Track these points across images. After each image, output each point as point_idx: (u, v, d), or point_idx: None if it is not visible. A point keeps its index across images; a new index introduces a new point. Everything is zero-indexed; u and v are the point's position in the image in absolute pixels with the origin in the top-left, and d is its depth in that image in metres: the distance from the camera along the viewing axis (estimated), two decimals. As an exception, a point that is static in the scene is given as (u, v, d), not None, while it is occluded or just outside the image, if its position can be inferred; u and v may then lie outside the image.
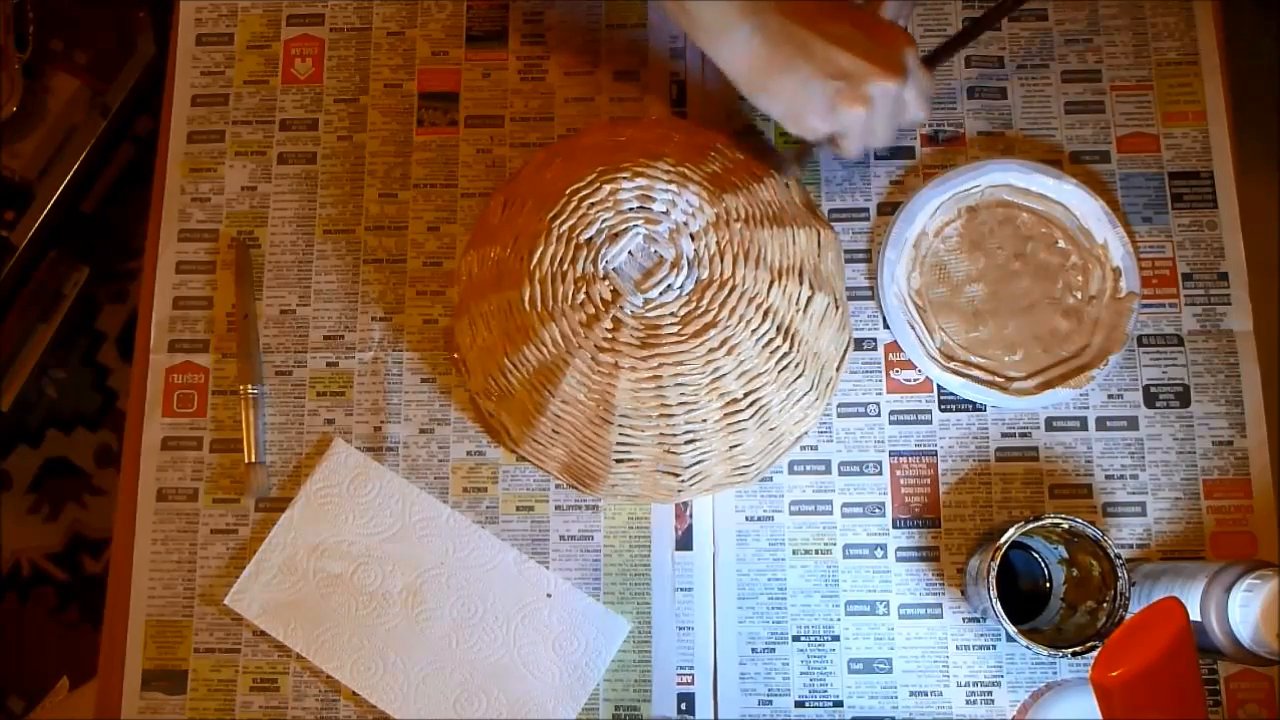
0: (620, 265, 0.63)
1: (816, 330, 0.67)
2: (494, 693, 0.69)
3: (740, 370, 0.63)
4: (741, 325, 0.62)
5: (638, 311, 0.62)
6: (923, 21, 0.79)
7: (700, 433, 0.65)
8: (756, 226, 0.64)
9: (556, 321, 0.62)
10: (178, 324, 0.76)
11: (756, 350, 0.63)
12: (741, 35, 0.60)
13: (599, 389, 0.63)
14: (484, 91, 0.79)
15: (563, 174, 0.67)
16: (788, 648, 0.70)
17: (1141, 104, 0.77)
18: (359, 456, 0.73)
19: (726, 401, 0.64)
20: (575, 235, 0.64)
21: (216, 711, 0.71)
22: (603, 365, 0.62)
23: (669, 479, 0.68)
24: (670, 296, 0.62)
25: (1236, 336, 0.73)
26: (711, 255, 0.63)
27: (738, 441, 0.67)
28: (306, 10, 0.81)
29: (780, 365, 0.65)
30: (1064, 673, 0.69)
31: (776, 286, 0.63)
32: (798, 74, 0.60)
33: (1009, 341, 0.73)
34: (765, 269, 0.63)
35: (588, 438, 0.66)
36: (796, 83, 0.60)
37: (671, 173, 0.63)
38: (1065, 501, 0.72)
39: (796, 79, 0.60)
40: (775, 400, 0.66)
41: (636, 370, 0.62)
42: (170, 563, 0.73)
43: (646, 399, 0.63)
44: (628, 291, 0.62)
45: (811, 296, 0.65)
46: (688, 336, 0.62)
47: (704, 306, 0.62)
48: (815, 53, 0.59)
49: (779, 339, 0.64)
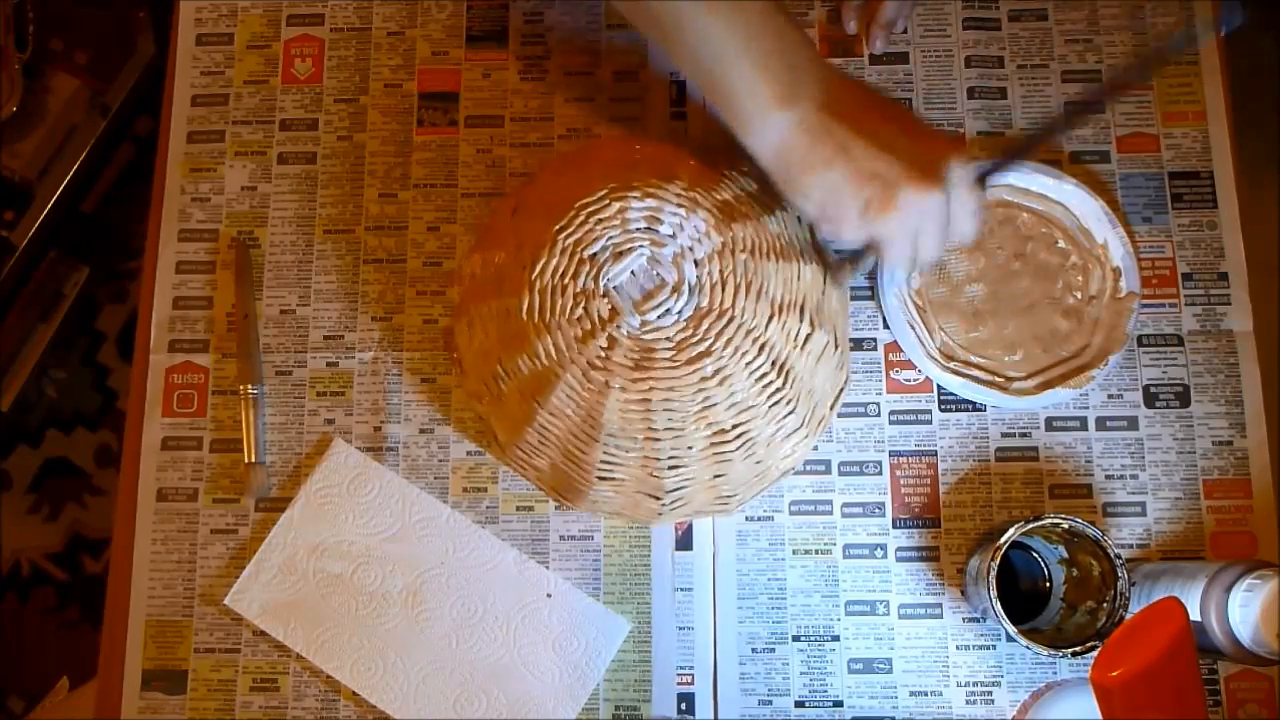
0: (621, 284, 0.62)
1: (813, 368, 0.66)
2: (494, 693, 0.69)
3: (730, 402, 0.63)
4: (736, 357, 0.62)
5: (634, 332, 0.62)
6: (922, 21, 0.79)
7: (685, 459, 0.65)
8: (762, 259, 0.63)
9: (552, 334, 0.62)
10: (178, 324, 0.76)
11: (749, 383, 0.63)
12: (778, 124, 0.55)
13: (587, 405, 0.63)
14: (484, 91, 0.79)
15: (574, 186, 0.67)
16: (788, 648, 0.70)
17: (1141, 104, 0.77)
18: (359, 456, 0.73)
19: (714, 431, 0.63)
20: (580, 250, 0.63)
21: (216, 711, 0.71)
22: (593, 382, 0.62)
23: (650, 501, 0.67)
24: (668, 321, 0.62)
25: (1236, 336, 0.73)
26: (713, 283, 0.62)
27: (722, 471, 0.66)
28: (306, 10, 0.81)
29: (771, 400, 0.64)
30: (1064, 673, 0.69)
31: (776, 321, 0.63)
32: (832, 175, 0.55)
33: (1009, 341, 0.73)
34: (766, 302, 0.62)
35: (572, 452, 0.66)
36: (830, 184, 0.56)
37: (682, 196, 0.62)
38: (1065, 501, 0.72)
39: (830, 180, 0.55)
40: (763, 435, 0.65)
41: (626, 391, 0.61)
42: (170, 563, 0.73)
43: (634, 420, 0.63)
44: (626, 311, 0.62)
45: (811, 334, 0.65)
46: (681, 363, 0.61)
47: (700, 335, 0.61)
48: (854, 155, 0.55)
49: (773, 374, 0.63)
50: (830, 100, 0.55)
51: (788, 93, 0.55)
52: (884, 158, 0.54)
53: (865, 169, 0.55)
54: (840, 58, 0.79)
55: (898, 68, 0.78)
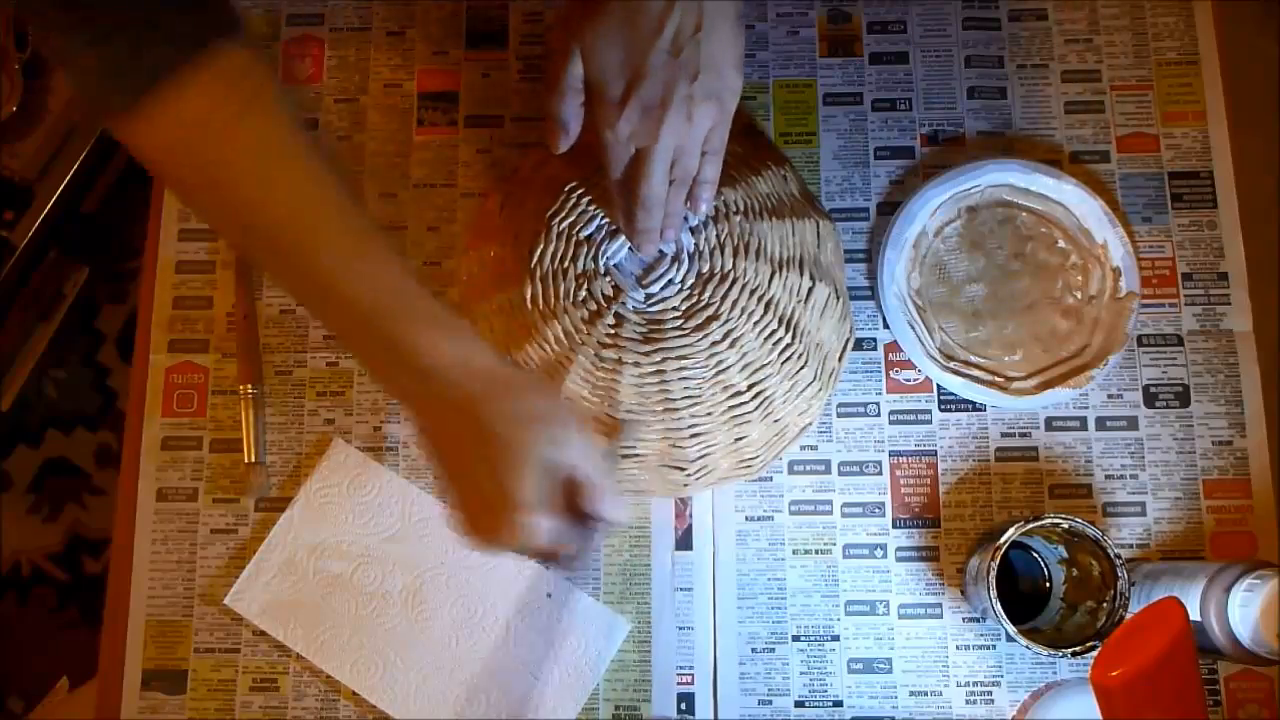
0: (621, 261, 0.63)
1: (818, 321, 0.67)
2: (494, 693, 0.69)
3: (744, 362, 0.63)
4: (744, 317, 0.62)
5: (640, 307, 0.62)
6: (922, 21, 0.79)
7: (705, 426, 0.65)
8: (755, 219, 0.64)
9: (559, 319, 0.63)
10: (177, 324, 0.76)
11: (759, 342, 0.63)
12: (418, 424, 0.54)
13: (603, 385, 0.63)
14: (483, 91, 0.79)
15: (562, 172, 0.67)
16: (787, 648, 0.70)
17: (1141, 104, 0.77)
18: (359, 456, 0.73)
19: (731, 394, 0.64)
20: (575, 232, 0.64)
21: (216, 711, 0.71)
22: (606, 362, 0.62)
23: (675, 473, 0.68)
24: (671, 291, 0.62)
25: (1236, 336, 0.73)
26: (711, 248, 0.63)
27: (743, 434, 0.67)
28: (306, 10, 0.81)
29: (783, 356, 0.65)
30: (1064, 673, 0.69)
31: (777, 278, 0.64)
32: (448, 484, 0.53)
33: (1009, 341, 0.73)
34: (765, 261, 0.63)
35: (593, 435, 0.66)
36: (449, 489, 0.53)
37: None
38: (1065, 501, 0.72)
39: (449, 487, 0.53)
40: (779, 391, 0.66)
41: (640, 366, 0.62)
42: (170, 563, 0.73)
43: (651, 394, 0.63)
44: (629, 287, 0.62)
45: (813, 287, 0.65)
46: (690, 330, 0.62)
47: (705, 300, 0.62)
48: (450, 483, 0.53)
49: (781, 330, 0.64)
50: (433, 425, 0.53)
51: (420, 389, 0.52)
52: (469, 498, 0.52)
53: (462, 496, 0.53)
54: (840, 57, 0.79)
55: (897, 68, 0.78)
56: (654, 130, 0.57)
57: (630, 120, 0.57)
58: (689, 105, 0.56)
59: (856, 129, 0.77)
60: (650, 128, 0.57)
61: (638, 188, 0.59)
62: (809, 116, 0.78)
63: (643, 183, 0.59)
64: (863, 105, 0.78)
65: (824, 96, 0.78)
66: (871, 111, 0.78)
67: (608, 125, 0.57)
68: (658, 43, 0.55)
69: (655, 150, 0.58)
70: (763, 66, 0.79)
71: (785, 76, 0.78)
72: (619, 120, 0.57)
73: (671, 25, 0.55)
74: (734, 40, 0.57)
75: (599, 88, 0.57)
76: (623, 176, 0.60)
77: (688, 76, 0.56)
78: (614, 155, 0.59)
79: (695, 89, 0.56)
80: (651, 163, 0.58)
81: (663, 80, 0.56)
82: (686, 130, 0.58)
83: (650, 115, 0.56)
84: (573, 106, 0.59)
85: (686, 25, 0.55)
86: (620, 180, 0.60)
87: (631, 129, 0.57)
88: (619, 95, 0.56)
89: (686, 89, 0.56)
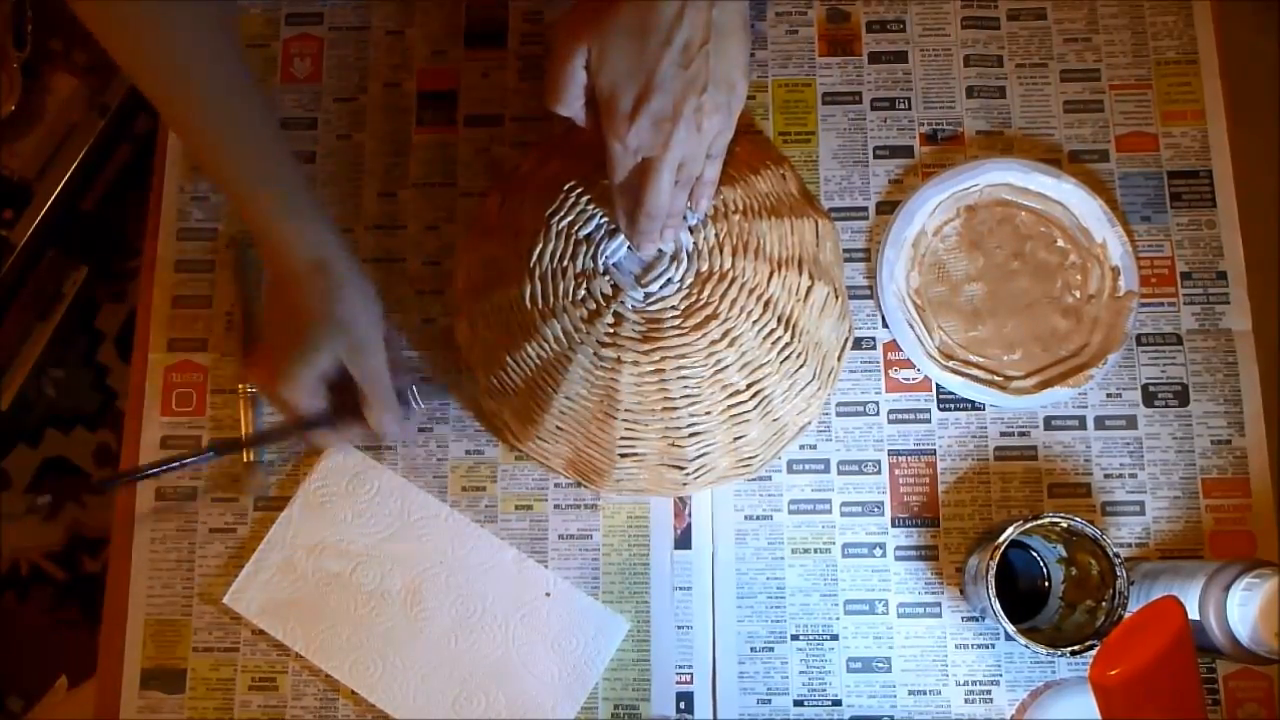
0: (620, 260, 0.63)
1: (817, 320, 0.67)
2: (493, 692, 0.69)
3: (742, 362, 0.63)
4: (742, 317, 0.62)
5: (639, 306, 0.62)
6: (921, 20, 0.79)
7: (704, 425, 0.65)
8: (754, 218, 0.64)
9: (558, 318, 0.63)
10: (177, 323, 0.76)
11: (758, 341, 0.63)
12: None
13: (602, 384, 0.63)
14: (483, 91, 0.79)
15: (561, 171, 0.67)
16: (786, 647, 0.70)
17: (1140, 103, 0.77)
18: (357, 456, 0.73)
19: (730, 393, 0.64)
20: (574, 231, 0.64)
21: (215, 710, 0.71)
22: (605, 361, 0.62)
23: (674, 472, 0.68)
24: (670, 290, 0.62)
25: (1235, 336, 0.73)
26: (710, 247, 0.63)
27: (741, 433, 0.67)
28: (305, 10, 0.81)
29: (782, 356, 0.65)
30: (1063, 672, 0.69)
31: (776, 277, 0.64)
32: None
33: (1008, 340, 0.73)
34: (764, 260, 0.63)
35: (592, 433, 0.66)
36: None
37: None
38: (1064, 500, 0.72)
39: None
40: (778, 391, 0.66)
41: (639, 364, 0.62)
42: (169, 562, 0.73)
43: (650, 393, 0.63)
44: (628, 286, 0.62)
45: (811, 286, 0.65)
46: (689, 329, 0.62)
47: (704, 299, 0.62)
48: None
49: (780, 329, 0.64)
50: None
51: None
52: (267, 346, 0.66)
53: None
54: (839, 57, 0.79)
55: (896, 67, 0.78)
56: (663, 143, 0.56)
57: (640, 134, 0.56)
58: (698, 117, 0.56)
59: (855, 128, 0.78)
60: (659, 140, 0.56)
61: (643, 196, 0.59)
62: (808, 116, 0.78)
63: (649, 192, 0.59)
64: (862, 104, 0.78)
65: (823, 96, 0.78)
66: (870, 110, 0.78)
67: (616, 137, 0.57)
68: (667, 55, 0.54)
69: (663, 161, 0.57)
70: (761, 66, 0.79)
71: (784, 76, 0.79)
72: (628, 133, 0.56)
73: (680, 37, 0.54)
74: (742, 49, 0.57)
75: (608, 100, 0.56)
76: (625, 182, 0.60)
77: (697, 89, 0.55)
78: (619, 163, 0.58)
79: (705, 100, 0.56)
80: (659, 173, 0.58)
81: (673, 93, 0.55)
82: (695, 141, 0.57)
83: (660, 128, 0.56)
84: (576, 108, 0.59)
85: (695, 37, 0.54)
86: (622, 185, 0.60)
87: (640, 142, 0.57)
88: (629, 108, 0.56)
89: (696, 101, 0.56)
